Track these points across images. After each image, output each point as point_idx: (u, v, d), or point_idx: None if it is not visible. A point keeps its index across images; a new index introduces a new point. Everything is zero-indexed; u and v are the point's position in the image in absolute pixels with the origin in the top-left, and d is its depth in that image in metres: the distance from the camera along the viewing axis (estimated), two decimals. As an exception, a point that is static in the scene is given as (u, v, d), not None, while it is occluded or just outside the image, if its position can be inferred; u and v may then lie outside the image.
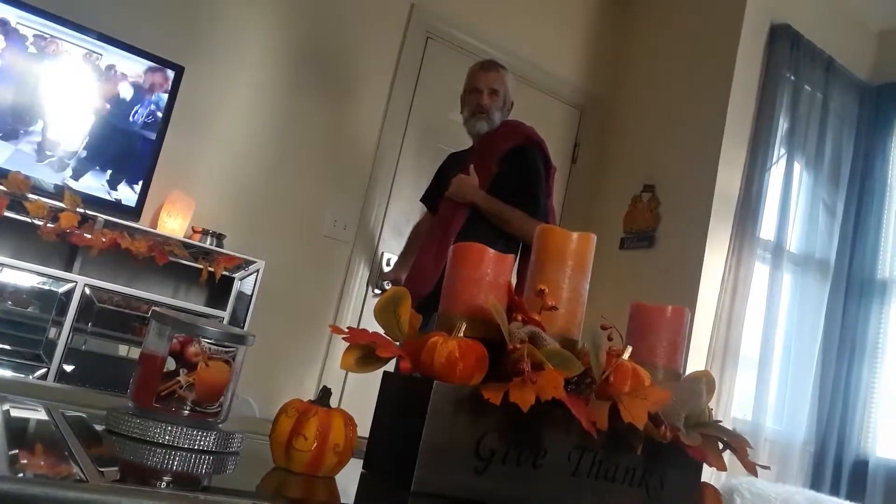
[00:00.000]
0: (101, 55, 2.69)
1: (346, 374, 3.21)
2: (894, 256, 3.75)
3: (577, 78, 4.09)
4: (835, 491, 3.41)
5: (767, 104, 3.56)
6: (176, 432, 0.88)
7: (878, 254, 3.78)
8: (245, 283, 2.82)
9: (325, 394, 0.91)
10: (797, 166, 3.68)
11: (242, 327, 2.78)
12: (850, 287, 3.77)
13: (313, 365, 3.27)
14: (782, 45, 3.60)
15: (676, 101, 3.74)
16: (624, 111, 4.04)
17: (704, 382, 1.05)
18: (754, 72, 3.59)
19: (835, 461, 3.57)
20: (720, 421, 1.07)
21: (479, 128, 2.78)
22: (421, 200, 3.08)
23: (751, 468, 1.04)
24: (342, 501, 0.91)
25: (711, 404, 1.08)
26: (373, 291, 3.43)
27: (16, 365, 2.40)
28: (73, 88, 2.66)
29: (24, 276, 2.43)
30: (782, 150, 3.63)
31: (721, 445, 1.04)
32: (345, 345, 0.95)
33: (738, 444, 1.03)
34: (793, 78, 3.64)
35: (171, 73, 2.82)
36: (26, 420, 0.98)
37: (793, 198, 3.64)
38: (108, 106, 2.71)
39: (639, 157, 3.85)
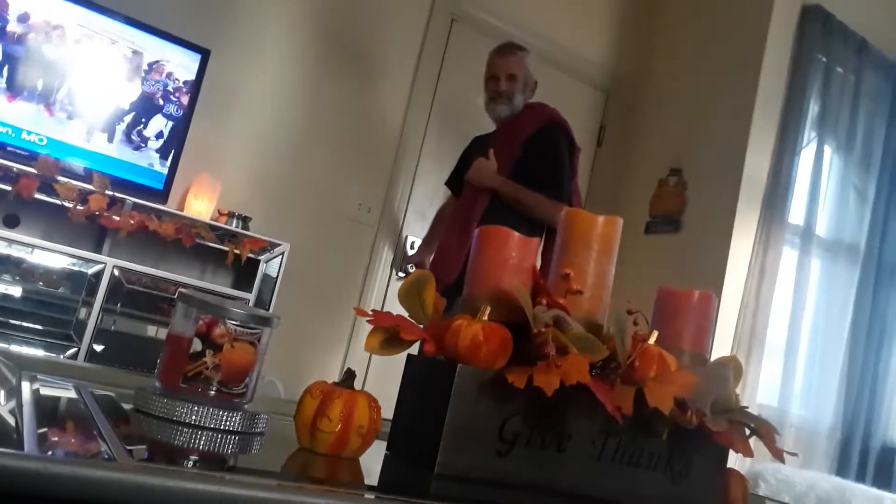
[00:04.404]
0: (128, 39, 2.71)
1: (370, 357, 3.23)
2: (926, 242, 3.68)
3: (604, 60, 4.04)
4: (861, 478, 3.37)
5: (798, 87, 3.50)
6: (202, 412, 0.89)
7: (910, 239, 3.71)
8: (270, 266, 2.84)
9: (349, 376, 0.91)
10: (827, 150, 3.62)
11: (268, 309, 2.81)
12: (881, 272, 3.71)
13: (338, 347, 3.29)
14: (814, 26, 3.53)
15: (704, 82, 3.68)
16: (651, 93, 3.99)
17: (732, 368, 1.03)
18: (784, 53, 3.52)
19: (861, 448, 3.52)
20: (747, 407, 1.06)
21: (500, 112, 2.76)
22: (446, 184, 3.07)
23: (778, 455, 1.03)
24: (366, 482, 0.91)
25: (737, 390, 1.07)
26: (397, 274, 3.44)
27: (47, 344, 2.45)
28: (100, 73, 2.67)
29: (54, 257, 2.47)
30: (812, 134, 3.57)
31: (748, 431, 1.03)
32: (369, 327, 0.95)
33: (765, 430, 1.02)
34: (824, 60, 3.56)
35: (197, 57, 2.83)
36: (56, 398, 1.00)
37: (823, 182, 3.58)
38: (135, 90, 2.72)
39: (665, 139, 3.80)
